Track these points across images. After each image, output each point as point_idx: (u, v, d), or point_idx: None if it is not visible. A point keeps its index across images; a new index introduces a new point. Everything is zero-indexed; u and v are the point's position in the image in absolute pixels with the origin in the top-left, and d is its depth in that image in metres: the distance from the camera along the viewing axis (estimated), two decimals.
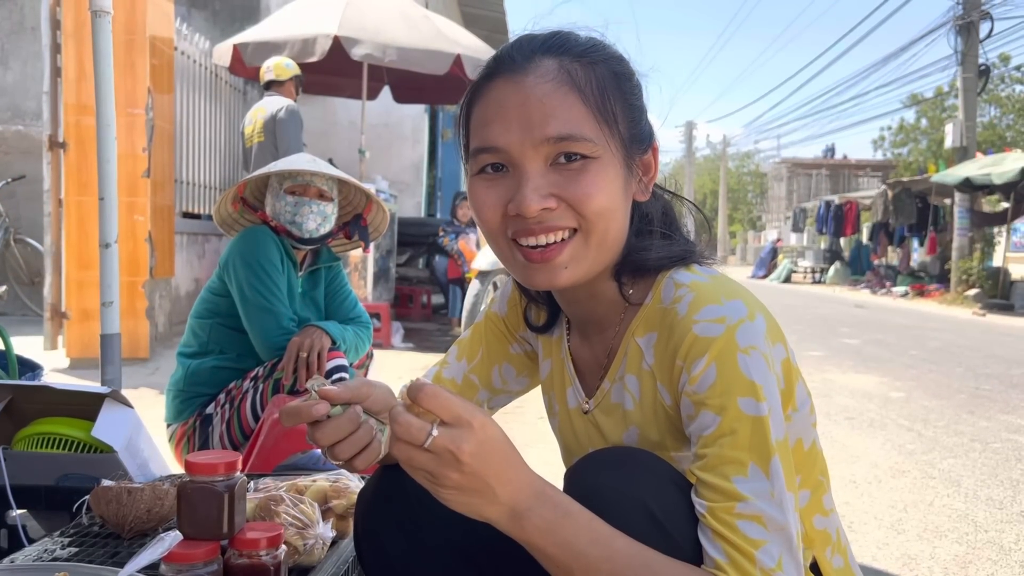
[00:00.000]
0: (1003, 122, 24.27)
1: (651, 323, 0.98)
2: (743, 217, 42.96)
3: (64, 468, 1.64)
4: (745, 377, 0.86)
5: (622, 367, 1.02)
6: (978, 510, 2.80)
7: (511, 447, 0.81)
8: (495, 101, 0.93)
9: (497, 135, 0.91)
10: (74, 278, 4.63)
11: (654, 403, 0.98)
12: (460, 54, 6.00)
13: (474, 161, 0.95)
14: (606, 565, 0.80)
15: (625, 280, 1.01)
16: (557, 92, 0.90)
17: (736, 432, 0.85)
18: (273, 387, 2.20)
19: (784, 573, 0.82)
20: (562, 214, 0.91)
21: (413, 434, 0.76)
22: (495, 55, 0.96)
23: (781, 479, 0.84)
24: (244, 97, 7.90)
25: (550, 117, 0.89)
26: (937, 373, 5.85)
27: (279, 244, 2.31)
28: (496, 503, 0.79)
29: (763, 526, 0.82)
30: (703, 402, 0.87)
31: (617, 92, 0.94)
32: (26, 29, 6.94)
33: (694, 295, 0.92)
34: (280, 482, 1.44)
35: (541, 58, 0.92)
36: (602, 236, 0.93)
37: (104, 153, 2.45)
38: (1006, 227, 13.10)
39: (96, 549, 1.33)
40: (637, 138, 0.96)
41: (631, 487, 0.88)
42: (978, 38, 13.75)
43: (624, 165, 0.94)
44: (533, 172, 0.90)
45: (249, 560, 1.09)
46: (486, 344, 1.22)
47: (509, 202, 0.92)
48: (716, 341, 0.87)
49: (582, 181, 0.90)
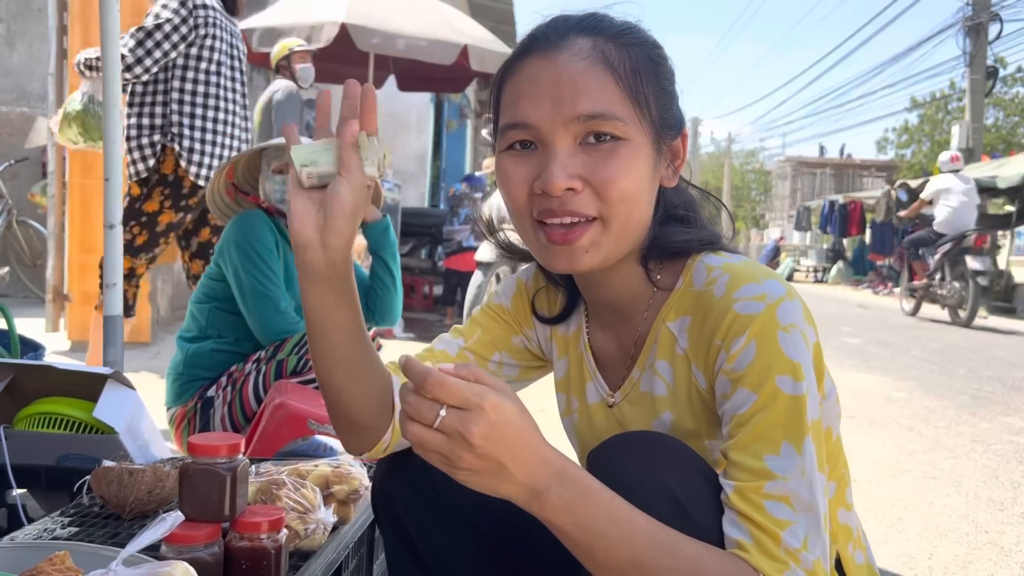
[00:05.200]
0: (1007, 124, 24.22)
1: (683, 307, 0.97)
2: (746, 215, 42.89)
3: (65, 448, 1.63)
4: (785, 355, 0.85)
5: (652, 354, 1.01)
6: (979, 511, 2.80)
7: (528, 425, 0.79)
8: (528, 78, 0.92)
9: (528, 111, 0.91)
10: (76, 261, 4.62)
11: (688, 387, 0.97)
12: (467, 44, 5.97)
13: (503, 137, 0.95)
14: (626, 544, 0.79)
15: (652, 266, 1.00)
16: (591, 70, 0.90)
17: (772, 410, 0.84)
18: (275, 369, 2.20)
19: (810, 553, 0.81)
20: (585, 200, 0.90)
21: (423, 413, 0.75)
22: (529, 33, 0.96)
23: (813, 459, 0.84)
24: (250, 83, 7.88)
25: (582, 95, 0.89)
26: (938, 374, 5.84)
27: (273, 226, 2.31)
28: (513, 483, 0.78)
29: (791, 507, 0.82)
30: (740, 379, 0.86)
31: (651, 75, 0.93)
32: (32, 10, 6.91)
33: (730, 276, 0.92)
34: (282, 466, 1.44)
35: (576, 37, 0.92)
36: (624, 223, 0.92)
37: (110, 133, 2.44)
38: (1010, 231, 13.07)
39: (96, 529, 1.33)
40: (668, 123, 0.96)
41: (655, 471, 0.87)
42: (987, 39, 13.70)
43: (654, 149, 0.94)
44: (562, 150, 0.90)
45: (250, 543, 1.09)
46: (484, 328, 1.18)
47: (536, 179, 0.91)
48: (757, 319, 0.87)
49: (611, 163, 0.89)
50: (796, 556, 0.80)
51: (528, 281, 1.19)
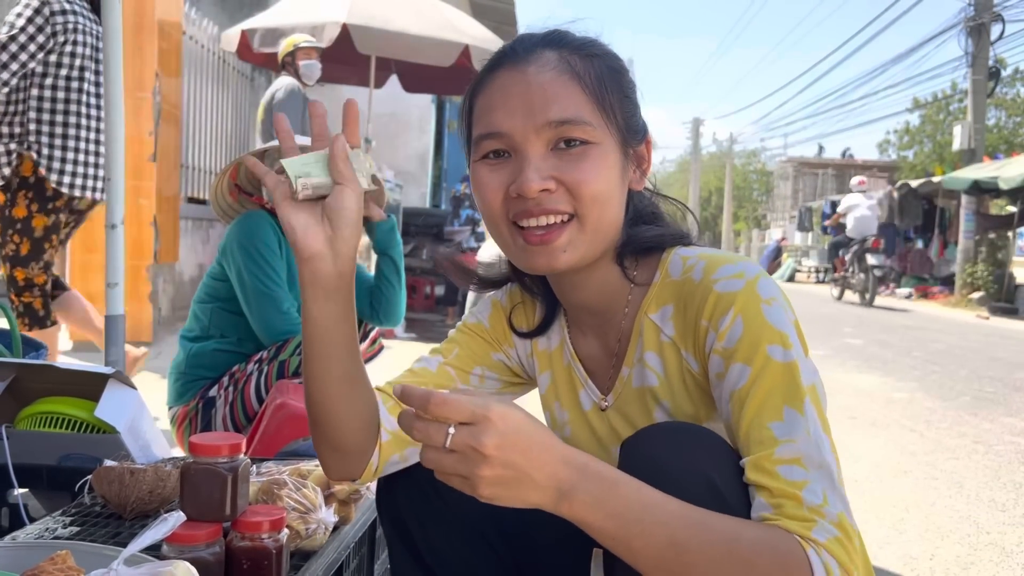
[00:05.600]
0: (1008, 125, 24.16)
1: (664, 297, 1.01)
2: (748, 215, 42.84)
3: (66, 448, 1.63)
4: (771, 326, 0.89)
5: (639, 348, 1.03)
6: (980, 512, 2.80)
7: (538, 428, 0.79)
8: (499, 89, 0.97)
9: (501, 120, 0.95)
10: (78, 261, 4.63)
11: (681, 373, 1.00)
12: (468, 45, 5.97)
13: (477, 148, 0.99)
14: (662, 529, 0.79)
15: (628, 263, 1.04)
16: (559, 79, 0.95)
17: (767, 378, 0.87)
18: (277, 370, 2.20)
19: (832, 507, 0.82)
20: (559, 198, 0.94)
21: (432, 436, 0.75)
22: (498, 50, 1.01)
23: (816, 420, 0.87)
24: (251, 83, 7.89)
25: (551, 102, 0.94)
26: (940, 375, 5.84)
27: (275, 227, 2.31)
28: (537, 488, 0.78)
29: (803, 467, 0.84)
30: (733, 355, 0.90)
31: (614, 84, 0.98)
32: None
33: (705, 261, 0.97)
34: (283, 466, 1.44)
35: (542, 50, 0.97)
36: (597, 221, 0.96)
37: (112, 132, 2.44)
38: (1012, 232, 13.04)
39: (98, 529, 1.33)
40: (633, 128, 1.01)
41: (691, 457, 0.88)
42: (989, 40, 13.67)
43: (622, 153, 0.99)
44: (534, 155, 0.94)
45: (251, 543, 1.09)
46: (461, 345, 1.18)
47: (511, 184, 0.95)
48: (739, 295, 0.91)
49: (581, 165, 0.94)
50: (820, 511, 0.82)
51: (503, 300, 1.20)
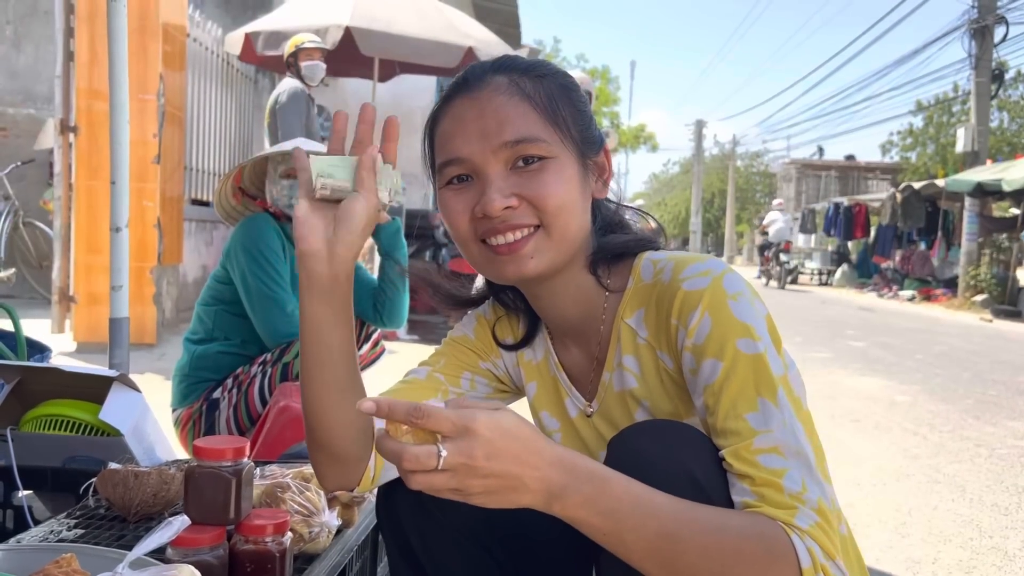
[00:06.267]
0: (1012, 127, 24.09)
1: (637, 301, 1.04)
2: (751, 217, 42.78)
3: (71, 450, 1.64)
4: (738, 320, 0.92)
5: (618, 352, 1.07)
6: (983, 515, 2.79)
7: (528, 431, 0.80)
8: (455, 117, 1.01)
9: (460, 146, 1.00)
10: (83, 262, 4.64)
11: (657, 372, 1.03)
12: (471, 47, 5.97)
13: (441, 175, 1.03)
14: (652, 522, 0.81)
15: (601, 271, 1.07)
16: (510, 101, 0.99)
17: (739, 371, 0.90)
18: (281, 372, 2.20)
19: (811, 494, 0.85)
20: (524, 212, 0.98)
21: (424, 462, 0.75)
22: (452, 82, 1.05)
23: (789, 408, 0.90)
24: (255, 85, 7.91)
25: (505, 124, 0.98)
26: (943, 377, 5.83)
27: (279, 230, 2.32)
28: (528, 491, 0.79)
29: (781, 455, 0.87)
30: (703, 351, 0.93)
31: (565, 99, 1.02)
32: (39, 12, 6.95)
33: (674, 262, 1.01)
34: (286, 469, 1.44)
35: (492, 76, 1.02)
36: (563, 230, 1.00)
37: (117, 136, 2.45)
38: (1014, 234, 13.02)
39: (102, 532, 1.33)
40: (588, 140, 1.04)
41: (674, 453, 0.90)
42: (992, 42, 13.65)
43: (580, 164, 1.02)
44: (495, 175, 0.98)
45: (255, 546, 1.09)
46: (448, 356, 1.19)
47: (475, 206, 0.99)
48: (705, 292, 0.94)
49: (541, 180, 0.98)
50: (800, 498, 0.85)
51: (487, 313, 1.22)
